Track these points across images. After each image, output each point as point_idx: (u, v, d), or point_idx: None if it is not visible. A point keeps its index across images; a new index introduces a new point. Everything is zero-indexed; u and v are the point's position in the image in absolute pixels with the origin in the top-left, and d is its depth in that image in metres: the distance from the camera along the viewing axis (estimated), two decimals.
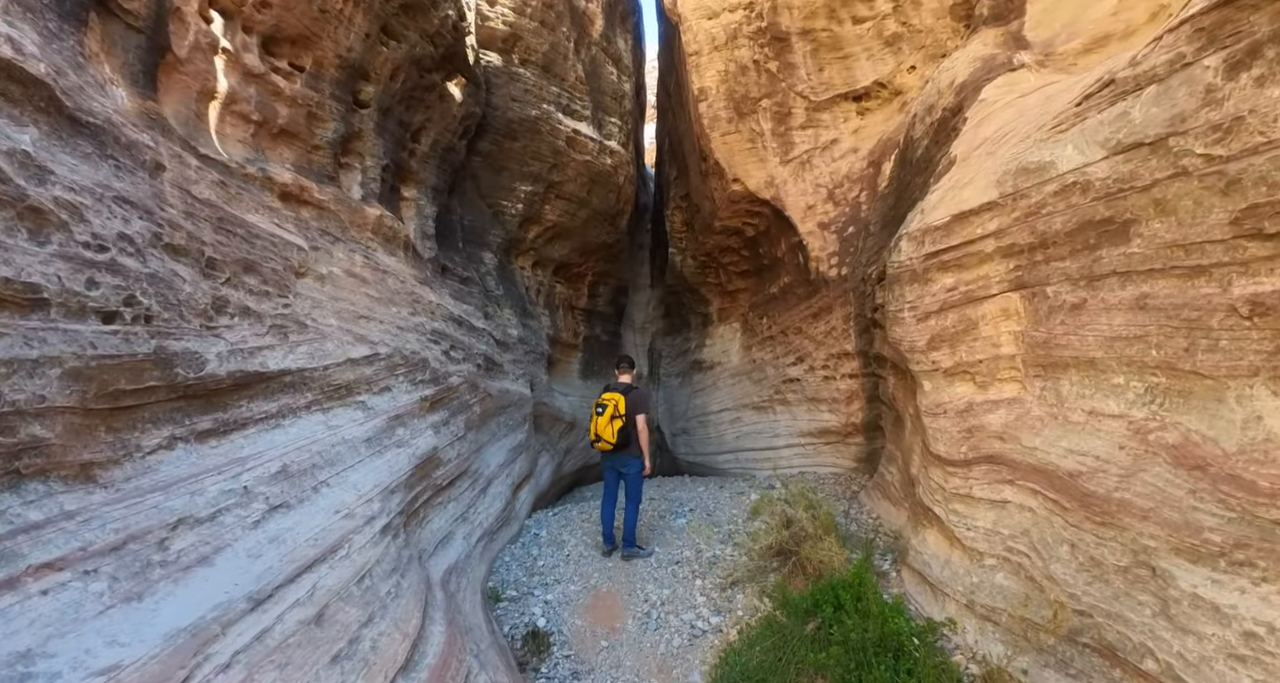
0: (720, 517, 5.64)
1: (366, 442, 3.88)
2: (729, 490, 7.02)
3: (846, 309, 7.27)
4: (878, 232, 6.93)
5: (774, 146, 8.17)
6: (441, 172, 7.13)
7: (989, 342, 3.63)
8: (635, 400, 4.82)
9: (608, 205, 9.57)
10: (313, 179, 4.99)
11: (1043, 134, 3.50)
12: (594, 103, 8.87)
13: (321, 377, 3.83)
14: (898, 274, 4.27)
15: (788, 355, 8.67)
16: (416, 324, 4.97)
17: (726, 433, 9.93)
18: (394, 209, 6.21)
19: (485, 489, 5.45)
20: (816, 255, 7.73)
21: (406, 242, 5.87)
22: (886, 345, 6.02)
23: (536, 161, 8.17)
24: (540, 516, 6.62)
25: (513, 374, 6.95)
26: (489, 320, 7.07)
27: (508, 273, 8.38)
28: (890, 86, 7.72)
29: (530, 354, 7.82)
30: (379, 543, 3.25)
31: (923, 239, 4.05)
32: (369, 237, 5.34)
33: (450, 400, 5.06)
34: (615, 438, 4.72)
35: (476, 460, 5.41)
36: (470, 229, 7.86)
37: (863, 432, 7.32)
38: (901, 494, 5.34)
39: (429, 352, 4.92)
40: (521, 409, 6.82)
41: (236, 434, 3.30)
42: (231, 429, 3.28)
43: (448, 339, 5.35)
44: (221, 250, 3.52)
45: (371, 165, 5.83)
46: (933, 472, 3.91)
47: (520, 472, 6.47)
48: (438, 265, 6.54)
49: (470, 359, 5.67)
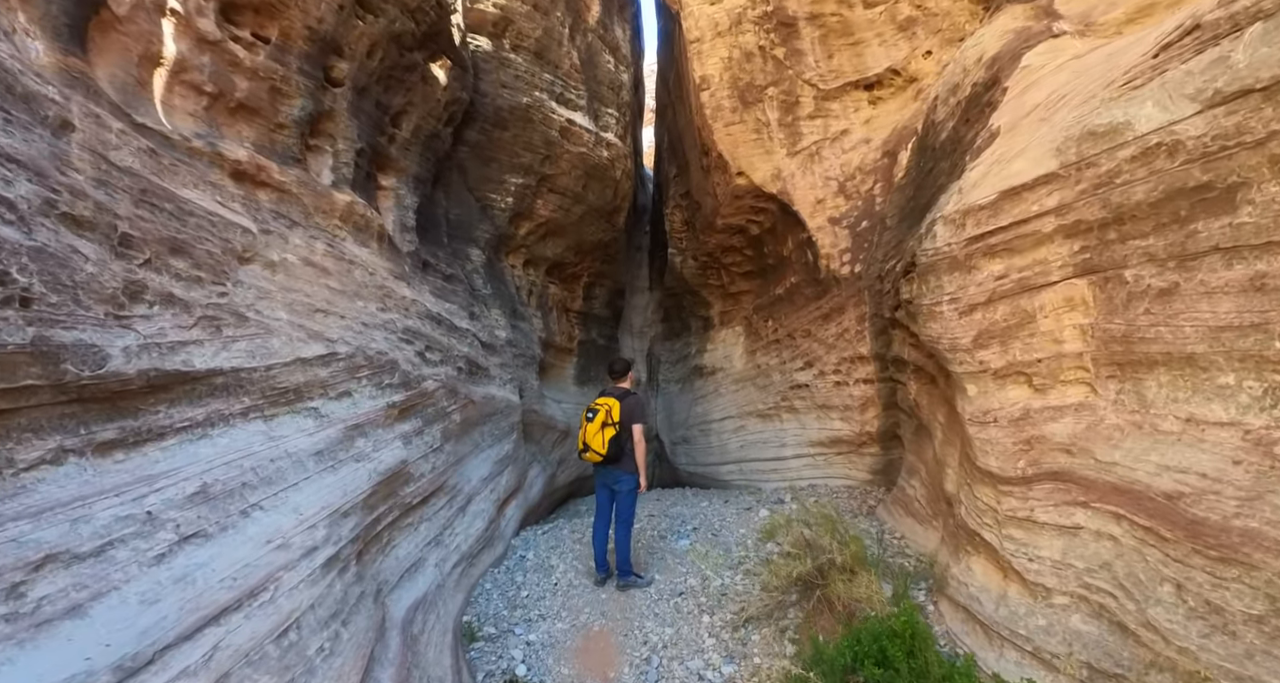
0: (727, 537, 5.06)
1: (316, 455, 3.31)
2: (735, 506, 6.45)
3: (861, 309, 6.73)
4: (895, 225, 6.41)
5: (781, 137, 7.67)
6: (424, 160, 6.60)
7: (1049, 337, 3.08)
8: (630, 407, 4.29)
9: (604, 201, 9.05)
10: (275, 160, 4.45)
11: (1112, 93, 2.98)
12: (589, 92, 8.38)
13: (263, 379, 3.27)
14: (933, 263, 3.73)
15: (795, 360, 8.13)
16: (386, 321, 4.42)
17: (730, 442, 9.36)
18: (370, 198, 5.67)
19: (465, 507, 4.87)
20: (827, 252, 7.21)
21: (381, 232, 5.33)
22: (908, 347, 5.49)
23: (528, 152, 7.65)
24: (529, 534, 6.04)
25: (500, 379, 6.38)
26: (474, 321, 6.51)
27: (497, 271, 7.83)
28: (905, 73, 7.23)
29: (520, 358, 7.26)
30: (318, 581, 2.68)
31: (963, 221, 3.52)
32: (336, 224, 4.80)
33: (424, 407, 4.49)
34: (606, 448, 4.16)
35: (455, 475, 4.84)
36: (456, 223, 7.32)
37: (878, 441, 6.76)
38: (929, 512, 4.78)
39: (399, 352, 4.36)
40: (509, 417, 6.25)
41: (151, 446, 2.74)
42: (144, 440, 2.71)
43: (423, 339, 4.79)
44: (141, 227, 2.97)
45: (344, 148, 5.29)
46: (980, 490, 3.35)
47: (507, 486, 5.89)
48: (418, 260, 6.00)
49: (450, 362, 5.11)
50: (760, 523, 5.39)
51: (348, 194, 5.03)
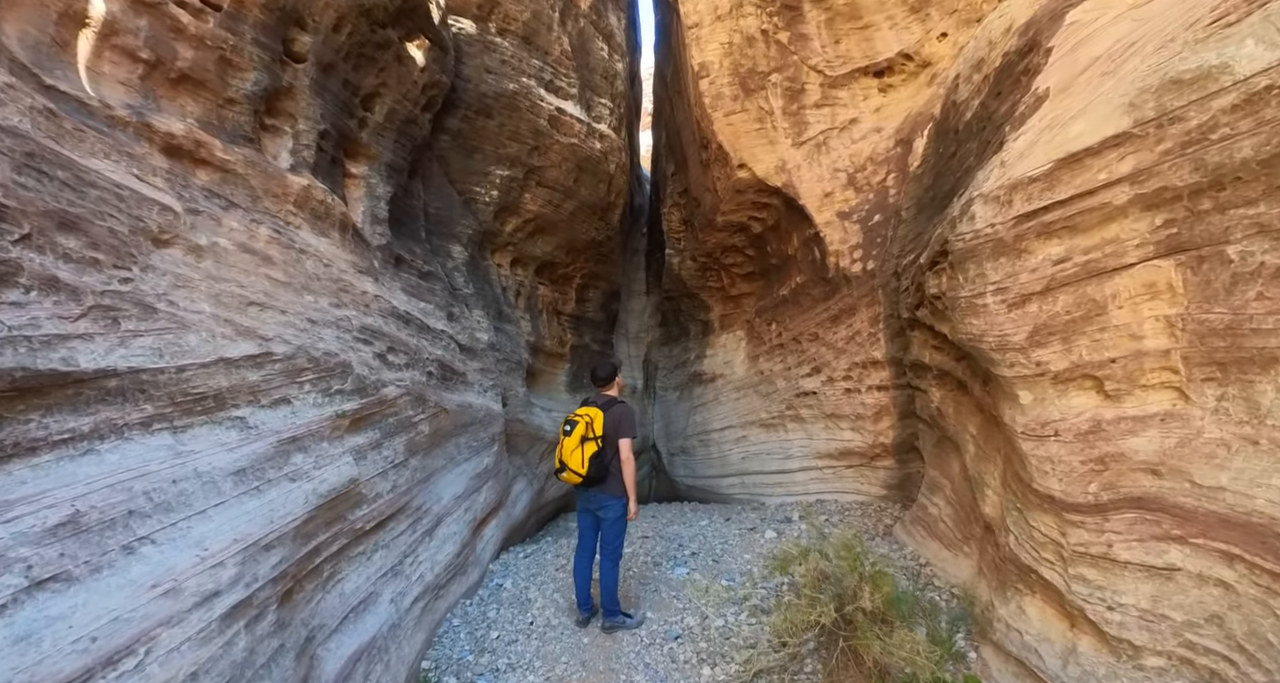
0: (729, 564, 4.48)
1: (237, 475, 2.75)
2: (737, 525, 5.87)
3: (874, 310, 6.20)
4: (912, 217, 5.89)
5: (785, 127, 7.16)
6: (400, 148, 6.07)
7: (1125, 332, 2.54)
8: (617, 418, 3.70)
9: (597, 197, 8.52)
10: (221, 137, 3.92)
11: (1197, 33, 2.45)
12: (581, 81, 7.88)
13: (173, 382, 2.71)
14: (971, 248, 3.19)
15: (801, 366, 7.57)
16: (339, 318, 3.87)
17: (731, 454, 8.78)
18: (335, 185, 5.13)
19: (433, 530, 4.30)
20: (836, 249, 6.67)
21: (344, 222, 4.78)
22: (930, 350, 4.95)
23: (514, 143, 7.13)
24: (510, 556, 5.45)
25: (479, 385, 5.82)
26: (453, 322, 5.96)
27: (481, 270, 7.29)
28: (918, 57, 6.74)
29: (504, 363, 6.70)
30: (212, 638, 2.11)
31: (1009, 198, 2.99)
32: (289, 210, 4.26)
33: (383, 417, 3.93)
34: (586, 467, 3.58)
35: (422, 493, 4.27)
36: (437, 218, 6.79)
37: (893, 454, 6.19)
38: (958, 535, 4.21)
39: (353, 354, 3.81)
40: (489, 427, 5.69)
41: (18, 464, 2.19)
42: (7, 457, 2.16)
43: (385, 339, 4.23)
44: (20, 196, 2.43)
45: (305, 129, 4.76)
46: (1037, 518, 2.78)
47: (485, 504, 5.31)
48: (389, 255, 5.45)
49: (417, 365, 4.55)
50: (767, 547, 4.82)
51: (305, 178, 4.50)
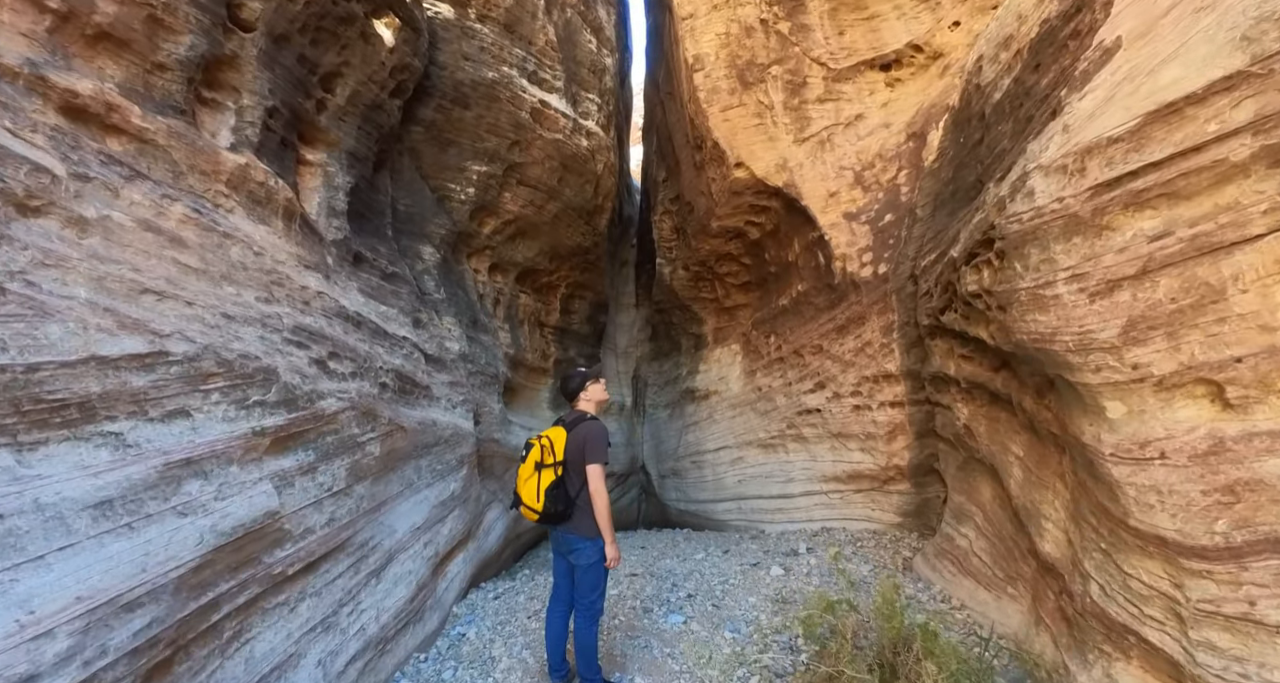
0: (732, 608, 3.83)
1: (98, 509, 2.08)
2: (737, 559, 5.21)
3: (887, 318, 5.64)
4: (929, 215, 5.38)
5: (786, 122, 6.68)
6: (364, 135, 5.48)
7: (1252, 323, 1.97)
8: (582, 439, 2.97)
9: (583, 199, 7.98)
10: (146, 106, 3.32)
11: None
12: (567, 74, 7.39)
13: (18, 384, 2.06)
14: (1031, 230, 2.64)
15: (803, 381, 6.99)
16: (266, 316, 3.22)
17: (726, 476, 8.14)
18: (286, 171, 4.52)
19: (382, 570, 3.61)
20: (843, 252, 6.14)
21: (291, 210, 4.16)
22: (956, 360, 4.39)
23: (493, 137, 6.58)
24: (479, 596, 4.75)
25: (447, 401, 5.16)
26: (419, 329, 5.32)
27: (455, 274, 6.67)
28: (928, 48, 6.31)
29: (478, 376, 6.06)
30: None
31: (1081, 165, 2.44)
32: (220, 190, 3.64)
33: (319, 435, 3.27)
34: (541, 501, 2.86)
35: (369, 527, 3.59)
36: (406, 216, 6.19)
37: (909, 477, 5.59)
38: (999, 574, 3.60)
39: (281, 358, 3.16)
40: (457, 448, 5.02)
41: None
42: None
43: (326, 342, 3.59)
44: None
45: (251, 105, 4.16)
46: (1136, 563, 2.18)
47: (451, 536, 4.62)
48: (346, 251, 4.83)
49: (367, 375, 3.90)
50: (774, 586, 4.17)
51: (244, 156, 3.89)
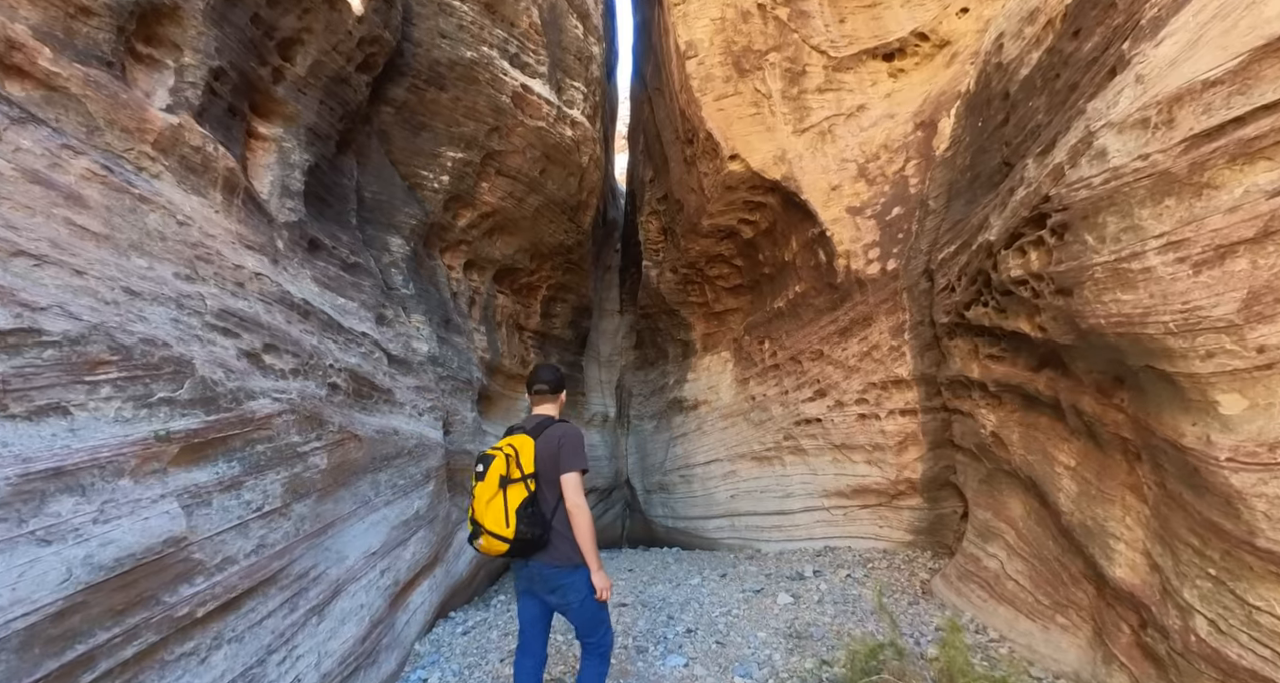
0: (739, 645, 3.30)
1: None
2: (737, 583, 4.68)
3: (897, 318, 5.22)
4: (943, 206, 4.98)
5: (785, 112, 6.29)
6: (327, 111, 4.92)
7: None
8: (555, 444, 2.33)
9: (567, 193, 7.48)
10: (66, 53, 2.76)
11: None
12: (552, 60, 6.93)
13: None
14: (1106, 195, 2.20)
15: (802, 388, 6.53)
16: (183, 295, 2.65)
17: (718, 491, 7.62)
18: (232, 142, 3.94)
19: (327, 605, 3.01)
20: (847, 250, 5.73)
21: (232, 183, 3.59)
22: (982, 361, 3.95)
23: (471, 121, 6.07)
24: (445, 630, 4.15)
25: (412, 407, 4.58)
26: (383, 327, 4.74)
27: (426, 270, 6.11)
28: (934, 37, 5.98)
29: (449, 381, 5.48)
30: None
31: (1168, 116, 2.02)
32: (144, 152, 3.07)
33: (245, 443, 2.69)
34: (513, 526, 2.19)
35: (311, 553, 3.00)
36: (374, 205, 5.63)
37: (922, 491, 5.14)
38: (1043, 600, 3.14)
39: (200, 346, 2.58)
40: (423, 460, 4.43)
41: None
42: None
43: (261, 332, 3.01)
44: None
45: (194, 65, 3.60)
46: (1273, 595, 1.72)
47: (414, 560, 4.02)
48: (300, 236, 4.26)
49: (312, 373, 3.32)
50: (784, 617, 3.65)
51: (179, 118, 3.33)
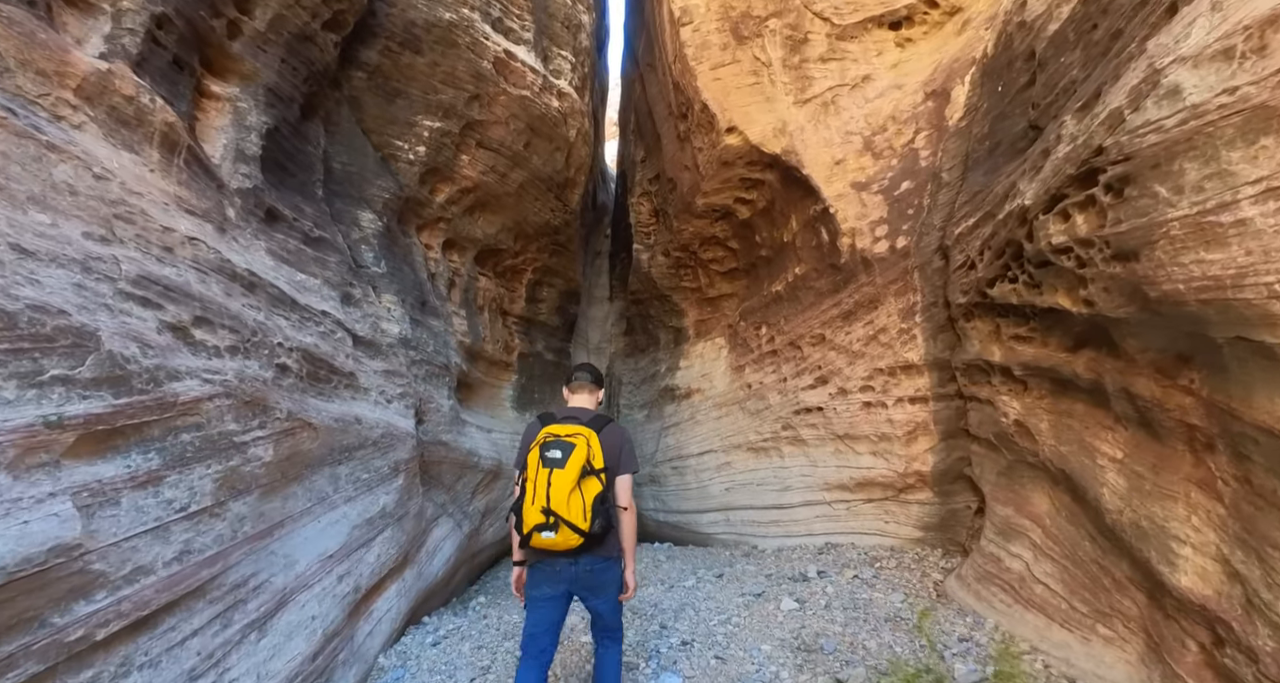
0: (743, 661, 2.96)
1: None
2: (735, 585, 4.34)
3: (908, 299, 4.87)
4: (958, 178, 4.63)
5: (785, 81, 5.90)
6: (290, 72, 4.47)
7: None
8: (618, 444, 2.37)
9: (553, 168, 7.06)
10: None
11: None
12: (538, 25, 6.49)
13: None
14: (1186, 138, 1.85)
15: (801, 376, 6.19)
16: (94, 257, 2.23)
17: (711, 483, 7.28)
18: (179, 98, 3.49)
19: (269, 619, 2.63)
20: (852, 227, 5.37)
21: (173, 140, 3.16)
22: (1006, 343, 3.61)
23: (449, 88, 5.63)
24: (416, 639, 3.78)
25: (380, 393, 4.18)
26: (349, 305, 4.33)
27: (401, 248, 5.68)
28: (944, 3, 5.60)
29: (423, 366, 5.08)
30: None
31: (1258, 43, 1.67)
32: (64, 99, 2.65)
33: (166, 432, 2.29)
34: (589, 520, 2.11)
35: (251, 559, 2.61)
36: (343, 176, 5.19)
37: (932, 485, 4.82)
38: (1081, 607, 2.82)
39: (108, 317, 2.17)
40: (391, 452, 4.04)
41: None
42: None
43: (189, 303, 2.60)
44: None
45: (132, 9, 3.16)
46: None
47: (379, 563, 3.64)
48: (256, 204, 3.83)
49: (254, 352, 2.91)
50: (790, 626, 3.31)
51: (112, 65, 2.91)
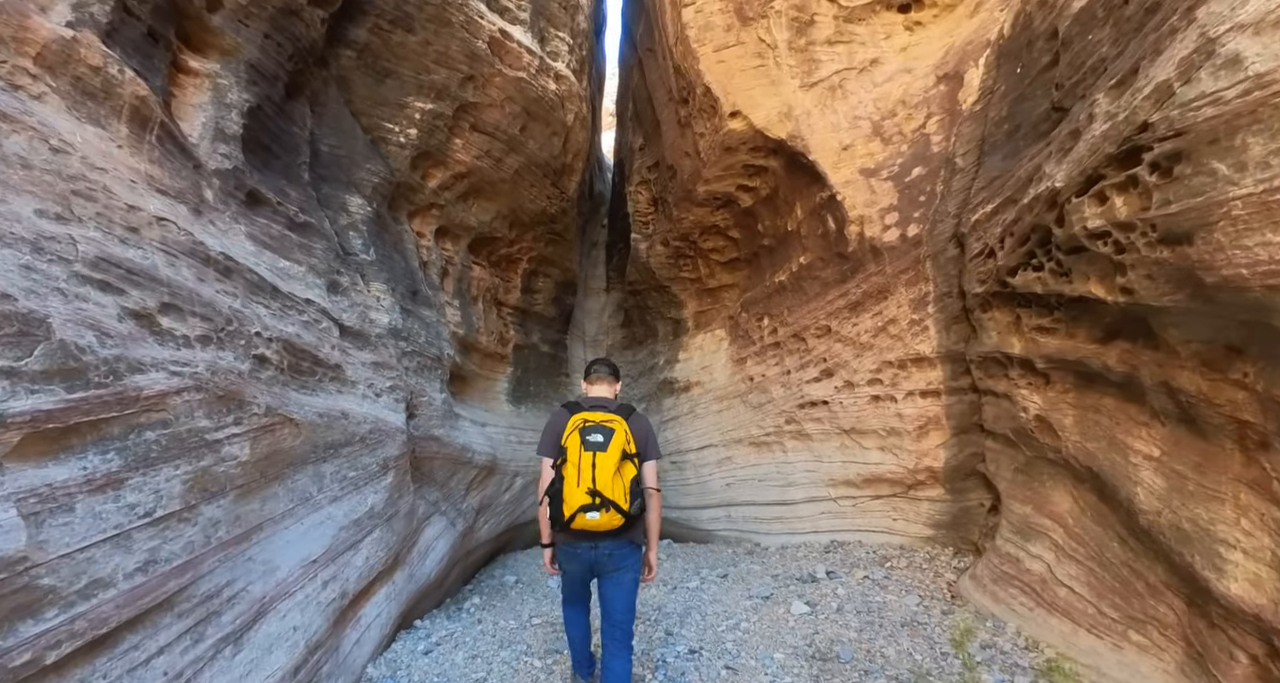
0: (755, 673, 2.79)
1: None
2: (741, 587, 4.18)
3: (919, 289, 4.70)
4: (972, 163, 4.44)
5: (791, 65, 5.68)
6: (275, 48, 4.20)
7: None
8: (645, 431, 2.59)
9: (550, 154, 6.82)
10: None
11: None
12: (534, 6, 6.24)
13: None
14: (1249, 110, 1.67)
15: (806, 368, 6.02)
16: (47, 236, 2.01)
17: (712, 479, 7.13)
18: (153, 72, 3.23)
19: (246, 632, 2.44)
20: (860, 214, 5.18)
21: (144, 115, 2.92)
22: (1027, 335, 3.43)
23: (443, 68, 5.38)
24: (408, 645, 3.60)
25: (367, 386, 3.98)
26: (336, 294, 4.11)
27: (392, 235, 5.45)
28: None
29: (414, 358, 4.87)
30: None
31: None
32: (23, 67, 2.43)
33: (129, 429, 2.08)
34: (630, 501, 2.31)
35: (226, 567, 2.41)
36: (331, 159, 4.95)
37: (944, 482, 4.67)
38: (1112, 614, 2.67)
39: (60, 302, 1.95)
40: (380, 449, 3.84)
41: None
42: None
43: (157, 289, 2.38)
44: None
45: None
46: None
47: (367, 566, 3.45)
48: (236, 185, 3.59)
49: (230, 343, 2.70)
50: (803, 632, 3.14)
51: (78, 33, 2.67)
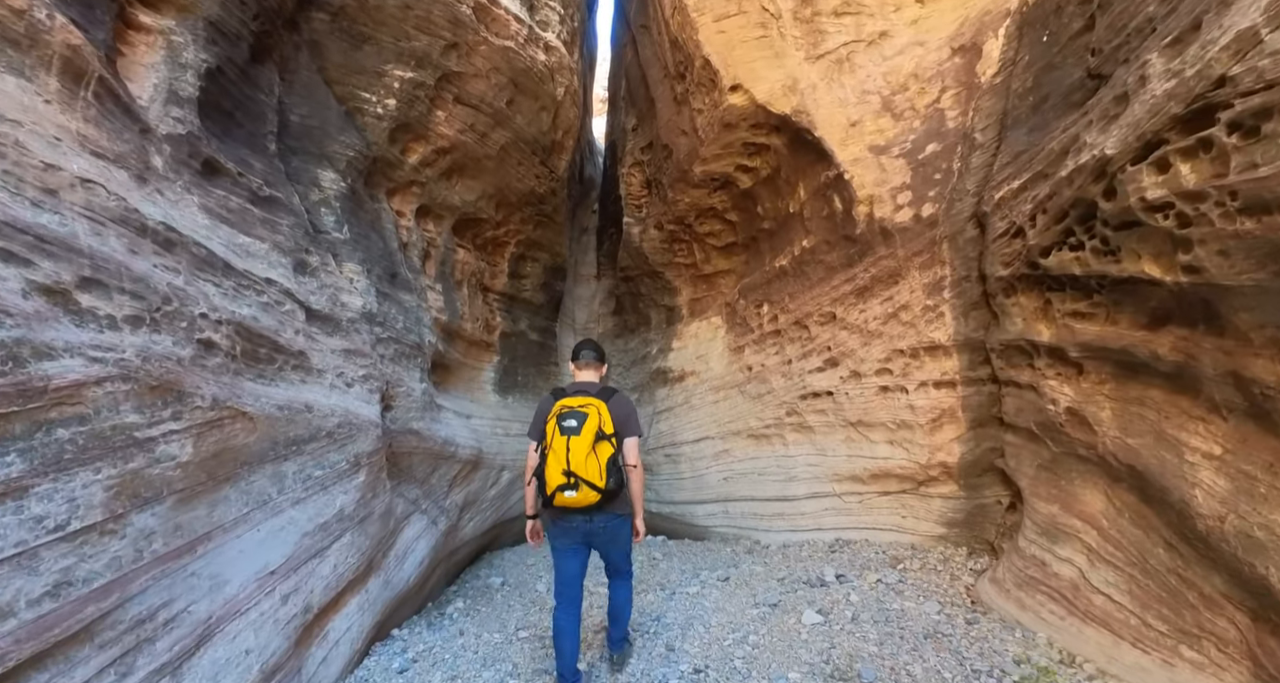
0: None
1: None
2: (745, 592, 3.90)
3: (934, 273, 4.41)
4: (993, 139, 4.14)
5: (796, 36, 5.33)
6: (237, 5, 3.77)
7: None
8: (625, 410, 2.78)
9: (539, 130, 6.43)
10: None
11: None
12: None
13: None
14: None
15: (808, 357, 5.73)
16: None
17: (708, 473, 6.85)
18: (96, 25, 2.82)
19: (188, 658, 2.10)
20: (870, 194, 4.87)
21: (77, 68, 2.52)
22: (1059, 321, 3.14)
23: (424, 34, 4.97)
24: (382, 661, 3.28)
25: (336, 376, 3.62)
26: (303, 274, 3.74)
27: (368, 213, 5.07)
28: None
29: (389, 345, 4.51)
30: None
31: None
32: None
33: (35, 427, 1.73)
34: (605, 479, 2.50)
35: (163, 585, 2.07)
36: (302, 129, 4.55)
37: (958, 477, 4.41)
38: (1160, 626, 2.41)
39: None
40: (350, 445, 3.50)
41: None
42: None
43: (75, 260, 2.02)
44: None
45: None
46: None
47: (336, 574, 3.12)
48: (190, 152, 3.19)
49: (167, 325, 2.34)
50: (818, 645, 2.87)
51: None
